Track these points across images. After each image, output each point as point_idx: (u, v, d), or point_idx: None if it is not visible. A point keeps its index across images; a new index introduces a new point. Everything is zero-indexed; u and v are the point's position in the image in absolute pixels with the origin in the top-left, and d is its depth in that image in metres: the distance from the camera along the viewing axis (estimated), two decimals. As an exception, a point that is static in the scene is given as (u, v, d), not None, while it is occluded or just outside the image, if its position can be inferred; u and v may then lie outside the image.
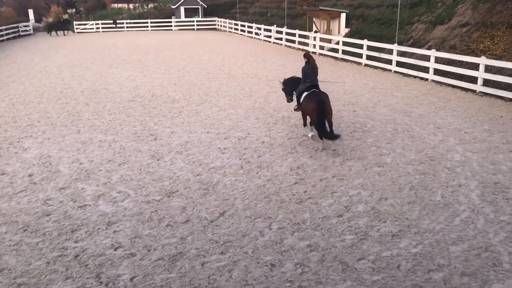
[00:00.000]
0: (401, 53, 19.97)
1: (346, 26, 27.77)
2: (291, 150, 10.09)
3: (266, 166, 9.19)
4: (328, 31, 28.06)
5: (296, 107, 11.11)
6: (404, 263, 5.87)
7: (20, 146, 10.52)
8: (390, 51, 20.25)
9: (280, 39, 31.81)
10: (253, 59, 24.67)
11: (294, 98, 11.18)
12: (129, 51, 29.01)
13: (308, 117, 10.43)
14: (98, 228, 6.77)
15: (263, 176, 8.69)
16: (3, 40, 37.82)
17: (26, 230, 6.75)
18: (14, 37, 41.26)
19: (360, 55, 22.26)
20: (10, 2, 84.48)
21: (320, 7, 29.16)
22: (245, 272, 5.68)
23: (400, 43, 21.05)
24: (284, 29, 31.03)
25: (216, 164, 9.33)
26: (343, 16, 27.82)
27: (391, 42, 21.04)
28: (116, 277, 5.62)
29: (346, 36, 26.26)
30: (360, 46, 22.18)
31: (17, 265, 5.85)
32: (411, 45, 21.06)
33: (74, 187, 8.26)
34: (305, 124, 10.74)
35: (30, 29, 45.14)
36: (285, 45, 30.96)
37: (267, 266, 5.83)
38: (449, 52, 18.31)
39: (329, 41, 26.37)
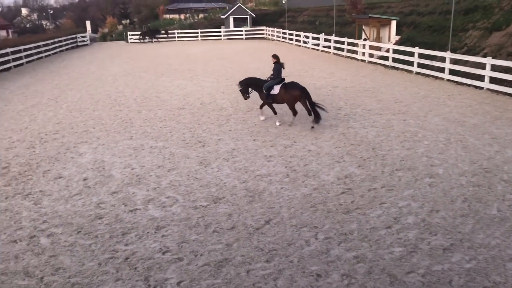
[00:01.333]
0: (455, 61, 19.31)
1: (397, 34, 27.20)
2: (338, 159, 9.97)
3: (313, 175, 9.13)
4: (378, 38, 27.58)
5: (269, 100, 12.77)
6: (456, 278, 5.64)
7: (76, 151, 11.01)
8: (442, 59, 19.63)
9: (329, 47, 31.60)
10: (301, 67, 24.63)
11: (269, 95, 12.89)
12: (179, 61, 29.76)
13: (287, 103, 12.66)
14: (148, 232, 6.95)
15: (310, 185, 8.63)
16: (62, 50, 39.83)
17: (80, 232, 7.04)
18: (72, 47, 43.38)
19: (411, 63, 21.72)
20: (69, 14, 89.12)
21: (370, 15, 28.74)
22: (290, 281, 5.65)
23: (453, 51, 20.37)
24: (333, 37, 30.81)
25: (262, 171, 9.36)
26: (393, 23, 27.29)
27: (444, 49, 20.40)
28: (163, 280, 5.74)
29: (396, 43, 25.72)
30: (411, 54, 21.64)
31: (72, 265, 6.11)
32: (465, 53, 20.32)
33: (126, 191, 8.54)
34: (261, 107, 13.30)
35: (87, 40, 47.31)
36: (334, 53, 30.72)
37: (312, 276, 5.77)
38: (506, 59, 17.51)
39: (379, 49, 25.91)
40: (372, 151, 10.45)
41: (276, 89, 12.48)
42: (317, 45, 33.60)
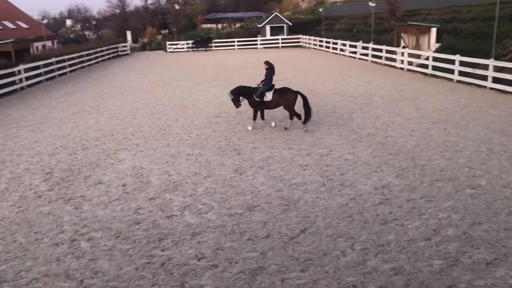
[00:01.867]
0: (498, 69, 18.65)
1: (437, 41, 26.60)
2: (376, 169, 9.80)
3: (349, 184, 9.01)
4: (417, 46, 27.04)
5: (262, 106, 13.23)
6: (500, 294, 5.41)
7: (115, 158, 11.30)
8: (485, 67, 19.01)
9: (366, 55, 31.24)
10: (337, 75, 24.45)
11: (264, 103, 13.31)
12: (216, 69, 30.13)
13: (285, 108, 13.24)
14: (184, 238, 7.03)
15: (346, 194, 8.51)
16: (104, 60, 41.11)
17: (118, 236, 7.20)
18: (113, 57, 44.71)
19: (451, 71, 21.16)
20: (111, 25, 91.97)
21: (409, 22, 28.24)
22: (325, 291, 5.57)
23: (497, 58, 19.68)
24: (371, 45, 30.45)
25: (297, 180, 9.31)
26: (433, 30, 26.71)
27: (487, 57, 19.75)
28: (199, 287, 5.78)
29: (436, 51, 25.14)
30: (452, 62, 21.08)
31: (110, 269, 6.25)
32: (509, 60, 19.60)
33: (163, 197, 8.68)
34: (254, 118, 13.54)
35: (127, 49, 48.64)
36: (371, 61, 30.35)
37: (348, 287, 5.67)
38: (554, 66, 16.78)
39: (418, 56, 25.39)
40: (411, 161, 10.21)
41: (269, 96, 12.90)
42: (355, 53, 33.29)
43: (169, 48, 49.92)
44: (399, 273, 5.93)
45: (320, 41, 42.24)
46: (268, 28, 50.30)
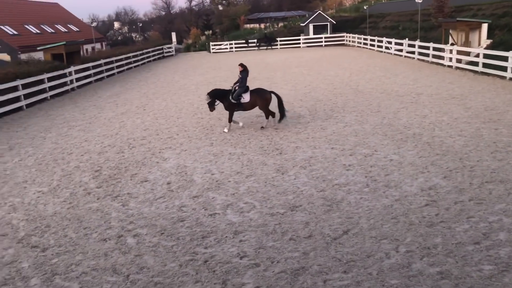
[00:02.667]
0: (555, 65, 17.68)
1: (488, 37, 25.53)
2: (422, 170, 9.53)
3: (394, 185, 8.80)
4: (467, 43, 26.07)
5: (239, 108, 13.48)
6: (556, 303, 5.13)
7: (161, 157, 11.57)
8: (541, 63, 18.07)
9: (412, 52, 30.44)
10: (382, 74, 23.96)
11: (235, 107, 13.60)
12: (258, 69, 30.24)
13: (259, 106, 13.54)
14: (226, 237, 7.11)
15: (391, 195, 8.33)
16: (149, 61, 42.18)
17: (163, 233, 7.37)
18: (159, 58, 45.79)
19: (504, 68, 20.24)
20: (156, 27, 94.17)
21: (458, 18, 27.25)
22: (368, 294, 5.47)
23: (554, 54, 18.67)
24: (417, 42, 29.63)
25: (340, 180, 9.20)
26: (484, 26, 25.66)
27: (543, 52, 18.76)
28: (241, 285, 5.83)
29: (487, 48, 24.14)
30: (505, 59, 20.18)
31: (155, 265, 6.40)
32: None
33: (206, 196, 8.81)
34: (230, 120, 13.62)
35: (172, 50, 49.67)
36: (418, 59, 29.53)
37: (392, 290, 5.54)
38: None
39: (468, 53, 24.48)
40: (459, 162, 9.86)
41: (246, 97, 13.20)
42: (400, 51, 32.51)
43: (213, 48, 50.55)
44: (446, 277, 5.74)
45: (365, 39, 41.53)
46: (311, 26, 49.96)
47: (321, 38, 48.83)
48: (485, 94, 17.12)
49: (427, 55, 28.06)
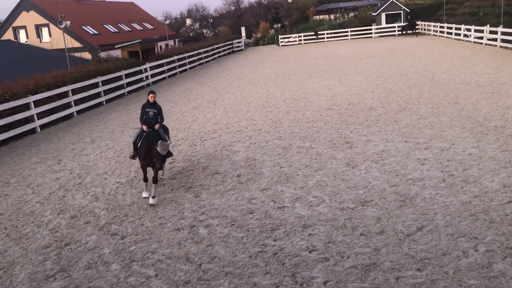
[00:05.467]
0: None
1: None
2: (504, 164, 8.91)
3: (473, 180, 8.31)
4: (557, 27, 23.92)
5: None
6: None
7: (231, 150, 11.79)
8: None
9: (495, 40, 28.46)
10: (461, 63, 22.65)
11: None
12: (328, 61, 29.80)
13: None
14: (295, 230, 7.11)
15: (469, 191, 7.88)
16: (220, 56, 43.01)
17: (233, 224, 7.52)
18: (229, 53, 46.57)
19: None
20: (226, 22, 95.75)
21: (547, 0, 25.08)
22: (444, 294, 5.23)
23: None
24: (500, 29, 27.65)
25: (414, 175, 8.85)
26: None
27: None
28: (310, 279, 5.81)
29: None
30: None
31: (225, 255, 6.55)
32: None
33: (275, 189, 8.86)
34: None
35: (242, 45, 50.31)
36: (500, 47, 27.57)
37: (471, 291, 5.26)
38: None
39: (558, 38, 22.46)
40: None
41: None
42: (481, 38, 30.53)
43: (281, 42, 50.52)
44: (532, 280, 5.34)
45: (441, 27, 39.47)
46: (383, 16, 48.37)
47: (394, 27, 47.06)
48: None
49: (511, 42, 26.08)
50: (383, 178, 8.85)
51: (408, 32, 43.78)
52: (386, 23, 48.13)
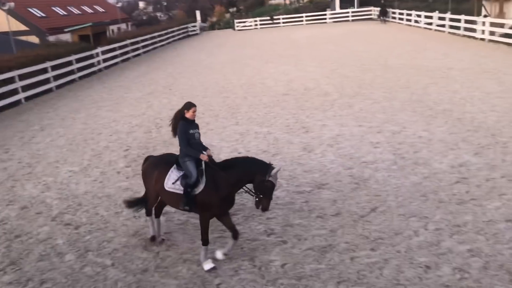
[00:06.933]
0: None
1: (524, 8, 24.47)
2: (452, 146, 9.32)
3: (423, 162, 8.65)
4: (501, 14, 25.05)
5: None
6: None
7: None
8: None
9: (443, 26, 29.46)
10: (412, 49, 23.33)
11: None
12: (284, 46, 29.90)
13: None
14: (253, 214, 7.16)
15: (420, 173, 8.20)
16: (174, 40, 42.20)
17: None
18: (184, 37, 45.75)
19: (540, 40, 19.41)
20: (181, 5, 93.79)
21: (491, -12, 26.16)
22: (397, 271, 5.45)
23: None
24: (448, 15, 28.63)
25: (367, 158, 9.10)
26: (519, -4, 24.56)
27: None
28: (268, 262, 5.89)
29: (522, 18, 23.15)
30: (541, 29, 19.34)
31: (184, 242, 6.53)
32: None
33: (232, 174, 8.84)
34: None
35: (197, 29, 49.50)
36: (448, 33, 28.59)
37: (421, 267, 5.50)
38: None
39: (502, 25, 23.53)
40: (492, 138, 9.59)
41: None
42: (430, 24, 31.51)
43: (237, 26, 50.16)
44: (476, 255, 5.65)
45: (393, 12, 40.40)
46: (337, 1, 48.88)
47: (348, 12, 47.73)
48: (520, 67, 16.50)
49: (459, 28, 27.12)
50: (338, 161, 9.05)
51: (383, 18, 43.73)
52: (340, 8, 48.71)
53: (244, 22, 50.69)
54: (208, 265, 5.82)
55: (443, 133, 10.20)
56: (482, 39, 24.26)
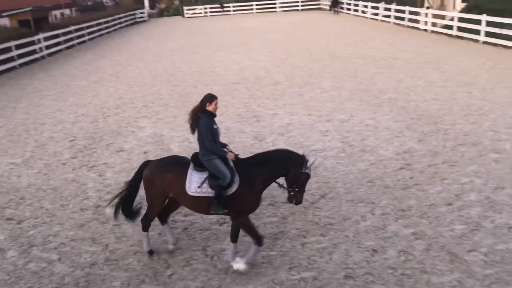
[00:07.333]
0: (527, 28, 17.92)
1: (463, 1, 25.59)
2: (397, 134, 9.67)
3: (370, 150, 8.93)
4: (442, 6, 26.11)
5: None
6: (522, 259, 5.38)
7: (136, 126, 11.40)
8: (513, 26, 18.30)
9: (388, 16, 30.34)
10: (359, 39, 23.89)
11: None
12: (234, 34, 29.75)
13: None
14: (205, 204, 7.12)
15: (366, 160, 8.46)
16: (122, 27, 40.91)
17: (141, 203, 7.31)
18: (131, 24, 44.43)
19: (478, 32, 20.43)
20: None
21: (433, -19, 27.16)
22: (345, 255, 5.62)
23: (526, 17, 18.88)
24: (393, 6, 29.50)
25: (317, 146, 9.27)
26: (459, -11, 25.67)
27: (516, 16, 18.94)
28: (220, 251, 5.90)
29: (462, 11, 24.24)
30: (478, 22, 20.33)
31: (134, 234, 6.40)
32: (539, 19, 18.79)
33: (183, 164, 8.75)
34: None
35: (145, 16, 48.20)
36: (394, 23, 29.48)
37: (368, 251, 5.71)
38: None
39: (443, 17, 24.55)
40: (434, 125, 10.04)
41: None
42: (376, 14, 32.37)
43: (187, 13, 49.34)
44: (420, 237, 5.92)
45: (341, 2, 41.10)
46: (287, -10, 49.06)
47: (297, 2, 48.09)
48: (460, 57, 17.31)
49: (403, 19, 28.04)
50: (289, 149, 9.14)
51: (335, 9, 43.80)
52: (290, -3, 48.95)
53: (193, 9, 49.93)
54: (237, 264, 5.40)
55: (388, 121, 10.55)
56: (425, 30, 25.21)
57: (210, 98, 5.41)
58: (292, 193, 5.28)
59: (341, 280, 5.21)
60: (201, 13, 49.52)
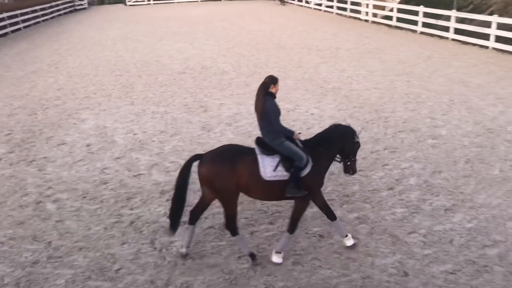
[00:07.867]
0: (460, 20, 18.91)
1: (401, -8, 26.56)
2: (341, 122, 9.91)
3: (315, 137, 9.11)
4: (382, -3, 26.93)
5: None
6: (457, 238, 5.72)
7: (78, 118, 11.00)
8: (447, 18, 19.24)
9: (331, 7, 30.94)
10: (303, 29, 24.21)
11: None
12: (179, 23, 29.25)
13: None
14: (152, 197, 7.03)
15: (312, 148, 8.63)
16: (60, 14, 39.09)
17: (85, 197, 7.12)
18: (70, 11, 42.53)
19: (415, 23, 21.31)
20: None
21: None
22: (293, 242, 5.74)
23: (459, 9, 19.89)
24: (335, -3, 30.10)
25: (265, 135, 9.34)
26: (398, -19, 26.56)
27: (449, 8, 19.92)
28: (169, 243, 5.85)
29: (401, 2, 25.14)
30: (416, 13, 21.21)
31: (78, 230, 6.21)
32: (471, 11, 19.87)
33: (129, 156, 8.58)
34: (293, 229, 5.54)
35: (85, 3, 46.28)
36: (336, 14, 30.12)
37: (315, 237, 5.86)
38: (513, 17, 17.13)
39: (383, 8, 25.37)
40: (375, 113, 10.40)
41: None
42: (320, 5, 32.89)
43: (129, 1, 47.88)
44: (363, 222, 6.15)
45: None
46: (231, -21, 48.69)
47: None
48: (399, 47, 17.99)
49: (345, 9, 28.69)
50: (237, 139, 9.18)
51: (282, 0, 43.49)
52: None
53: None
54: (350, 240, 5.56)
55: (332, 109, 10.82)
56: (366, 21, 25.96)
57: (274, 80, 5.44)
58: (349, 163, 5.50)
59: (289, 267, 5.33)
60: (144, 1, 48.22)
